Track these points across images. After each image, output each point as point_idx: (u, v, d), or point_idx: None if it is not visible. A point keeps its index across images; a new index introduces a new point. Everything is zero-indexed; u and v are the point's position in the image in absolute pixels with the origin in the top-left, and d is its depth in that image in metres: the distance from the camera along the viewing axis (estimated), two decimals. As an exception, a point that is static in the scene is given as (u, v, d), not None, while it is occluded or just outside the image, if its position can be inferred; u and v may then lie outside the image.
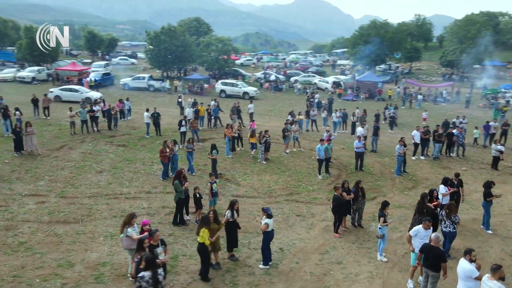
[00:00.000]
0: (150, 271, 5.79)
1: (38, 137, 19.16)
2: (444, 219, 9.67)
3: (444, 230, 9.71)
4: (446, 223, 9.63)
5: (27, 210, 10.86)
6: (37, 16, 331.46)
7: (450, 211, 9.59)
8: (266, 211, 8.81)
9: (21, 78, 39.95)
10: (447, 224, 9.59)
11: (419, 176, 16.70)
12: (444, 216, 9.67)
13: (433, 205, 10.45)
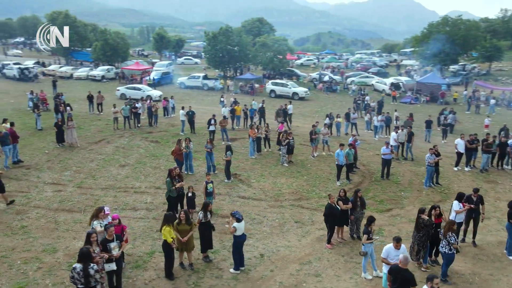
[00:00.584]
0: (82, 263, 6.08)
1: (85, 131, 21.10)
2: (441, 238, 8.71)
3: (440, 251, 8.76)
4: (442, 243, 8.67)
5: (43, 197, 12.01)
6: (126, 20, 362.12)
7: (447, 229, 8.59)
8: (235, 215, 8.68)
9: (92, 76, 43.99)
10: (443, 244, 8.63)
11: (453, 190, 15.05)
12: (441, 235, 8.71)
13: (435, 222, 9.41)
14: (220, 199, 13.10)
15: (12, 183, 12.78)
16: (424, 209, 9.39)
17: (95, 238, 6.91)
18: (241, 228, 8.67)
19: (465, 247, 10.59)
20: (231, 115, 23.59)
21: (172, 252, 8.15)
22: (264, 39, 45.99)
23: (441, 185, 15.38)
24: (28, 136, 19.11)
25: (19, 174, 13.72)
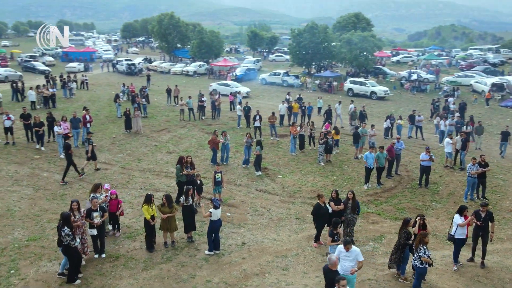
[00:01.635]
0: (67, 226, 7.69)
1: (155, 120, 23.95)
2: (413, 251, 8.26)
3: (412, 264, 8.30)
4: (414, 256, 8.21)
5: (90, 173, 14.46)
6: (238, 18, 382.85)
7: (418, 241, 8.12)
8: (213, 202, 9.51)
9: (186, 71, 48.48)
10: (415, 258, 8.17)
11: (502, 206, 13.41)
12: (413, 248, 8.26)
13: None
14: (237, 190, 14.00)
15: (74, 159, 15.62)
16: (409, 220, 8.92)
17: (76, 206, 8.50)
18: (217, 214, 9.47)
19: (469, 267, 9.65)
20: (288, 113, 24.06)
21: (150, 227, 9.39)
22: (349, 36, 44.71)
23: (487, 199, 13.75)
24: (107, 122, 22.61)
25: (84, 152, 16.65)
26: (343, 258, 7.59)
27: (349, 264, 7.51)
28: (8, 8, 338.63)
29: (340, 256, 7.65)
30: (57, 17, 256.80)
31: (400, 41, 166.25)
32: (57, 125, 15.73)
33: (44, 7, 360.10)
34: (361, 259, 7.63)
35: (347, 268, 7.61)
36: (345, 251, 7.62)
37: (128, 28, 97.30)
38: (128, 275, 8.48)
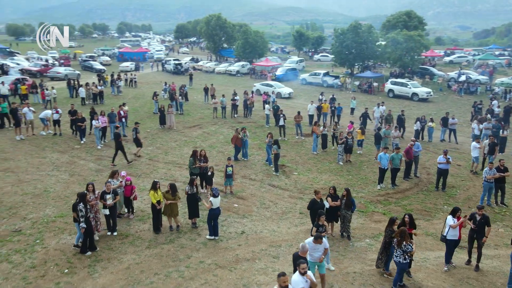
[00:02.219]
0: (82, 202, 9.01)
1: (189, 117, 25.41)
2: (395, 248, 8.54)
3: (395, 260, 8.57)
4: (397, 252, 8.49)
5: (120, 163, 16.00)
6: (290, 17, 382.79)
7: (401, 238, 8.41)
8: (212, 191, 10.39)
9: (229, 71, 50.08)
10: (398, 254, 8.45)
11: (520, 214, 12.93)
12: (395, 244, 8.54)
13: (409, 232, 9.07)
14: (250, 184, 14.79)
15: (109, 150, 17.33)
16: (394, 219, 9.17)
17: (91, 188, 9.79)
18: (216, 202, 10.33)
19: (461, 269, 9.65)
20: (318, 113, 24.36)
21: (156, 211, 10.48)
22: (394, 35, 43.59)
23: (506, 205, 13.36)
24: (146, 117, 24.41)
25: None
26: (313, 249, 8.11)
27: (319, 254, 8.03)
28: (76, 12, 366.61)
29: (310, 247, 8.17)
30: (119, 19, 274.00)
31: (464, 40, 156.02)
32: (95, 119, 17.53)
33: (108, 10, 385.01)
34: (327, 247, 8.14)
35: (317, 258, 8.15)
36: (314, 244, 8.13)
37: (180, 29, 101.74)
38: (133, 251, 9.62)
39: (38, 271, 8.54)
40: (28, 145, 17.28)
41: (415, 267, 9.66)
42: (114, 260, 9.19)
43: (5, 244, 9.52)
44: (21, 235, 10.00)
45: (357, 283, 8.85)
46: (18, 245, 9.50)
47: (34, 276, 8.37)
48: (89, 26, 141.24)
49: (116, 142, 15.75)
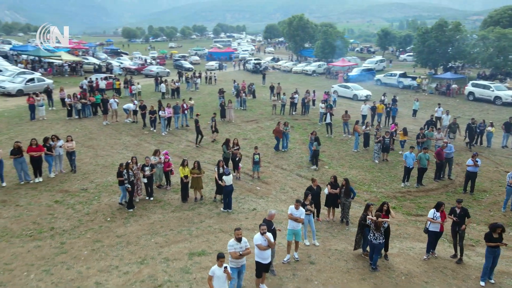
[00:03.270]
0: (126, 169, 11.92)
1: (252, 112, 27.84)
2: (373, 232, 9.60)
3: (374, 242, 9.61)
4: (375, 235, 9.56)
5: (173, 148, 19.00)
6: (391, 14, 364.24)
7: (378, 226, 9.48)
8: (225, 171, 12.48)
9: (305, 71, 51.54)
10: (377, 236, 9.53)
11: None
12: (373, 229, 9.59)
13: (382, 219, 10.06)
14: (279, 172, 16.54)
15: (170, 137, 20.57)
16: (369, 205, 10.19)
17: (134, 160, 12.64)
18: (228, 180, 12.42)
19: (442, 259, 10.28)
20: (372, 113, 24.76)
21: (184, 184, 12.96)
22: (485, 33, 40.44)
23: (533, 213, 12.97)
24: (211, 111, 27.41)
25: (179, 132, 21.54)
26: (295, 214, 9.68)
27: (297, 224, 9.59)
28: (183, 14, 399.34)
29: (293, 213, 9.75)
30: (219, 20, 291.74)
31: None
32: (162, 110, 20.95)
33: (211, 12, 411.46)
34: (303, 217, 9.63)
35: (296, 225, 9.71)
36: (295, 209, 9.70)
37: (269, 29, 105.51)
38: (160, 212, 12.24)
39: (90, 217, 11.64)
40: (110, 129, 21.42)
41: (396, 253, 10.55)
42: (144, 216, 11.91)
43: (74, 197, 12.93)
44: (86, 192, 13.37)
45: (332, 258, 10.15)
46: (82, 199, 12.83)
47: (87, 219, 11.47)
48: (189, 28, 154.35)
49: (196, 127, 19.17)
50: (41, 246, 9.97)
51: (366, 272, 9.54)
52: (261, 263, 8.49)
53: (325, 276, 9.33)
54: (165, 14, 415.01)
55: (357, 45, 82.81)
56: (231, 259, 8.04)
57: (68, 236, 10.54)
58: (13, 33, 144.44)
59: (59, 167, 14.78)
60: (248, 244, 8.23)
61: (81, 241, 10.32)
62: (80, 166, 15.63)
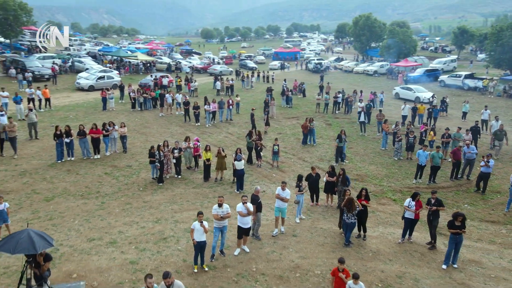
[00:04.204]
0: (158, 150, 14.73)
1: (296, 110, 29.55)
2: (346, 212, 11.06)
3: (347, 221, 11.08)
4: (348, 215, 11.03)
5: (210, 139, 21.58)
6: (489, 8, 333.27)
7: (350, 205, 10.92)
8: (236, 156, 14.58)
9: (366, 71, 51.34)
10: (349, 216, 11.00)
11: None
12: (346, 211, 11.04)
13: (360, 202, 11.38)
14: (299, 163, 18.21)
15: (213, 129, 23.28)
16: (345, 190, 11.55)
17: (166, 144, 15.37)
18: (239, 165, 14.53)
19: (415, 245, 11.29)
20: (412, 113, 24.94)
21: (206, 166, 15.37)
22: None
23: (538, 216, 13.09)
24: (259, 107, 29.80)
25: (222, 125, 24.14)
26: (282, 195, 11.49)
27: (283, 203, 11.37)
28: (260, 14, 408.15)
29: (280, 193, 11.55)
30: (295, 20, 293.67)
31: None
32: (207, 104, 23.76)
33: (288, 11, 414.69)
34: (288, 197, 11.36)
35: (282, 203, 11.51)
36: (282, 190, 11.49)
37: (341, 28, 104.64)
38: (183, 187, 14.81)
39: (127, 186, 14.64)
40: (164, 120, 24.81)
41: (376, 235, 11.78)
42: (169, 190, 14.58)
43: (120, 171, 16.11)
44: (130, 168, 16.50)
45: (314, 234, 11.75)
46: (125, 173, 15.95)
47: (124, 188, 14.48)
48: (263, 28, 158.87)
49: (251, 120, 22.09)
50: (87, 203, 13.11)
51: (338, 247, 11.01)
52: (242, 227, 10.49)
53: (301, 246, 11.00)
54: (244, 15, 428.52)
55: (433, 44, 78.75)
56: (215, 220, 10.17)
57: (108, 198, 13.59)
58: (108, 35, 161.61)
59: (114, 148, 18.21)
60: (229, 210, 10.27)
61: (116, 202, 13.28)
62: (131, 148, 18.94)
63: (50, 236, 7.21)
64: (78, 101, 28.56)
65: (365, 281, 9.36)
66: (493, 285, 9.56)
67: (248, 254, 10.52)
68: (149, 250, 10.31)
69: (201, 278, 9.33)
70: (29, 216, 11.94)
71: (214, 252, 10.23)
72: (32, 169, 15.67)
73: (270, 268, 9.86)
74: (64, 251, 10.07)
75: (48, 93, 25.27)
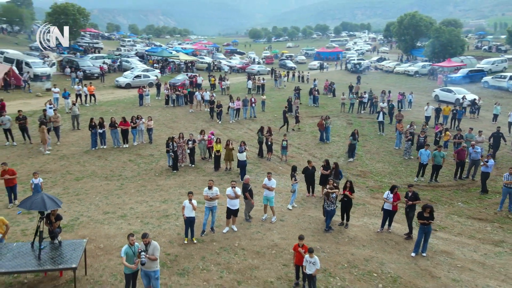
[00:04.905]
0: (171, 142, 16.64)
1: (322, 109, 30.41)
2: (326, 200, 12.21)
3: (327, 209, 12.24)
4: (327, 203, 12.19)
5: (236, 135, 23.21)
6: None
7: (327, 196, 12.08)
8: (239, 149, 16.06)
9: (407, 71, 50.47)
10: (329, 204, 12.17)
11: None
12: (326, 199, 12.19)
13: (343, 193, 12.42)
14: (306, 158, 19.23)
15: (235, 124, 24.93)
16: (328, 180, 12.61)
17: (181, 136, 17.22)
18: (242, 156, 16.02)
19: (393, 234, 12.13)
20: (436, 115, 24.92)
21: (216, 156, 17.05)
22: None
23: (530, 216, 13.30)
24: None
25: (245, 122, 25.73)
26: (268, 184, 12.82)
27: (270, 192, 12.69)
28: (310, 13, 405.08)
29: (266, 183, 12.88)
30: (347, 18, 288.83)
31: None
32: (232, 102, 25.49)
33: (339, 10, 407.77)
34: (274, 186, 12.67)
35: (268, 193, 12.83)
36: (268, 180, 12.82)
37: (389, 27, 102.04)
38: (194, 175, 16.60)
39: (146, 172, 16.71)
40: (192, 116, 26.91)
41: (358, 225, 12.76)
42: (181, 176, 16.42)
43: (142, 159, 18.26)
44: (151, 157, 18.62)
45: (301, 220, 12.95)
46: (147, 160, 18.07)
47: (143, 173, 16.55)
48: (310, 27, 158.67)
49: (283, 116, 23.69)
50: (109, 184, 15.30)
51: (318, 232, 12.15)
52: (230, 208, 11.98)
53: (285, 229, 12.28)
54: (293, 14, 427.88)
55: (488, 42, 74.64)
56: (205, 200, 11.76)
57: (127, 180, 15.72)
58: (162, 35, 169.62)
59: (141, 139, 20.47)
60: (218, 192, 11.82)
61: (133, 184, 15.35)
62: (156, 139, 21.12)
63: (59, 200, 9.16)
64: (120, 97, 31.59)
65: (333, 261, 10.57)
66: (456, 273, 10.24)
67: (235, 232, 11.98)
68: (152, 224, 12.13)
69: (189, 248, 10.95)
70: (60, 192, 14.30)
71: (204, 228, 11.82)
72: (69, 154, 18.28)
73: (251, 245, 11.26)
74: (83, 220, 12.17)
75: (92, 90, 28.36)
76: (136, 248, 8.29)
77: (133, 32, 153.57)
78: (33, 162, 17.11)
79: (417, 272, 10.22)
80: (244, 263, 10.35)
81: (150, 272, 8.43)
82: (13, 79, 30.54)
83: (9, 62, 33.66)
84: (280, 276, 9.89)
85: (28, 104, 26.19)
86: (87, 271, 9.43)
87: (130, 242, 8.29)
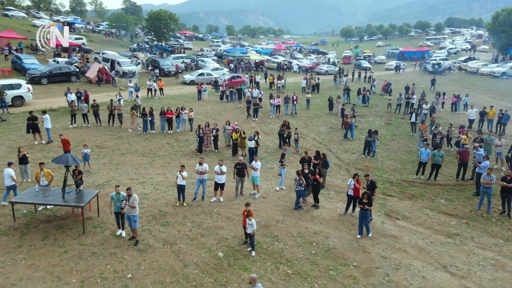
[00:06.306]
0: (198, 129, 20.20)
1: (371, 109, 31.40)
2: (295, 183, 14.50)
3: (296, 189, 14.52)
4: (296, 184, 14.49)
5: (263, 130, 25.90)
6: None
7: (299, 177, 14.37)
8: (249, 137, 18.82)
9: (493, 73, 47.18)
10: (296, 185, 14.47)
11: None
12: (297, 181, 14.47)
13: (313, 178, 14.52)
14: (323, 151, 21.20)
15: (274, 120, 27.61)
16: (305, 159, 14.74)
17: (207, 125, 20.63)
18: (250, 144, 18.81)
19: (356, 218, 13.82)
20: (480, 118, 24.41)
21: (234, 144, 20.11)
22: None
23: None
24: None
25: (284, 117, 28.21)
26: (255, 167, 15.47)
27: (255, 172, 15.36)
28: (417, 9, 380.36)
29: (254, 165, 15.53)
30: (461, 14, 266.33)
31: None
32: (272, 99, 28.25)
33: (451, 4, 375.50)
34: (257, 167, 15.22)
35: (254, 172, 15.47)
36: (254, 162, 15.46)
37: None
38: (214, 157, 19.85)
39: (176, 153, 20.54)
40: (239, 110, 30.23)
41: (328, 207, 14.71)
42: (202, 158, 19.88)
43: (178, 142, 22.16)
44: (186, 141, 22.41)
45: (280, 199, 15.36)
46: (181, 144, 21.91)
47: (172, 154, 20.40)
48: (408, 25, 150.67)
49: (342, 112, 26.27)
50: (143, 159, 19.45)
51: (288, 209, 14.46)
52: (217, 182, 14.99)
53: (262, 205, 14.84)
54: (399, 10, 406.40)
55: None
56: (197, 174, 14.95)
57: (157, 158, 19.71)
58: (256, 35, 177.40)
59: (184, 127, 24.49)
60: (207, 168, 14.90)
61: (161, 161, 19.26)
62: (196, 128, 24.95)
63: (79, 159, 13.21)
64: (185, 92, 36.54)
65: (286, 231, 12.93)
66: (388, 252, 11.80)
67: (220, 203, 14.93)
68: (159, 190, 15.73)
69: (178, 209, 14.23)
70: (106, 162, 18.80)
71: (196, 196, 15.01)
72: (124, 136, 23.04)
73: (226, 212, 14.11)
74: (113, 182, 16.29)
75: (161, 85, 33.64)
76: (122, 196, 11.81)
77: (229, 32, 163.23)
78: (97, 139, 22.16)
79: (353, 247, 12.03)
80: (214, 224, 13.27)
81: (130, 215, 11.87)
82: (104, 75, 37.47)
83: (106, 62, 41.10)
84: (236, 235, 12.60)
85: (111, 96, 32.32)
86: (99, 213, 13.31)
87: (116, 191, 11.82)
